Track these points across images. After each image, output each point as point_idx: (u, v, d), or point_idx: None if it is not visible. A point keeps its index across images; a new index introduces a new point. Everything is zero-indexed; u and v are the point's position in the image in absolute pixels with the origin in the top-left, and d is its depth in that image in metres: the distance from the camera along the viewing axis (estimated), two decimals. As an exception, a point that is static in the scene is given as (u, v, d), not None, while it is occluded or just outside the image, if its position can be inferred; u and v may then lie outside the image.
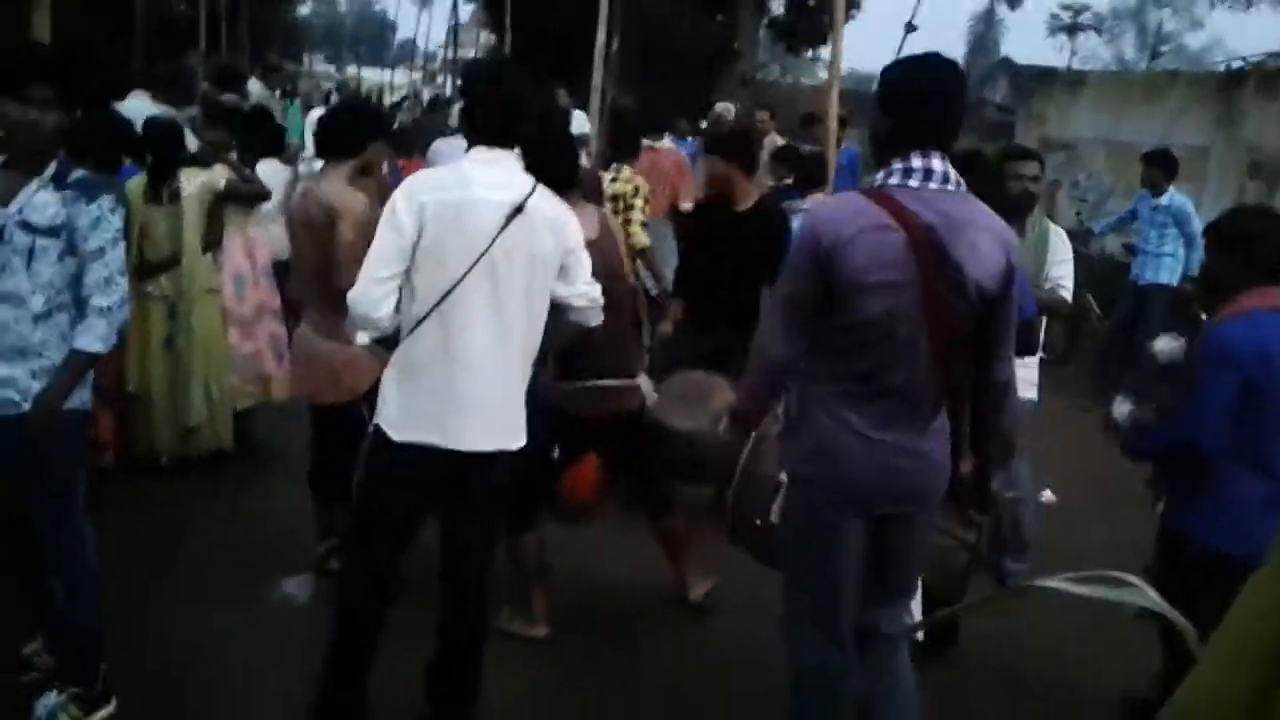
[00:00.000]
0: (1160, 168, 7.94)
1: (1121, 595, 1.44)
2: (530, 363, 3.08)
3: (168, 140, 5.17)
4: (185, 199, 5.13)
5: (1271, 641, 1.30)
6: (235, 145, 5.91)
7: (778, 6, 23.46)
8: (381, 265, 2.86)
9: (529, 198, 2.92)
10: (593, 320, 3.25)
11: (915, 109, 2.58)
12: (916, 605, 3.20)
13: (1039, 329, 4.29)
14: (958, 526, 2.94)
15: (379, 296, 2.87)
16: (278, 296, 5.74)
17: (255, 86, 11.54)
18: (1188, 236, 7.76)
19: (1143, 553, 3.46)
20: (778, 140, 9.24)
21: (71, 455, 3.07)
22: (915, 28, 15.43)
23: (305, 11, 51.75)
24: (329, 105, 15.46)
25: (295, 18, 40.07)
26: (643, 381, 3.91)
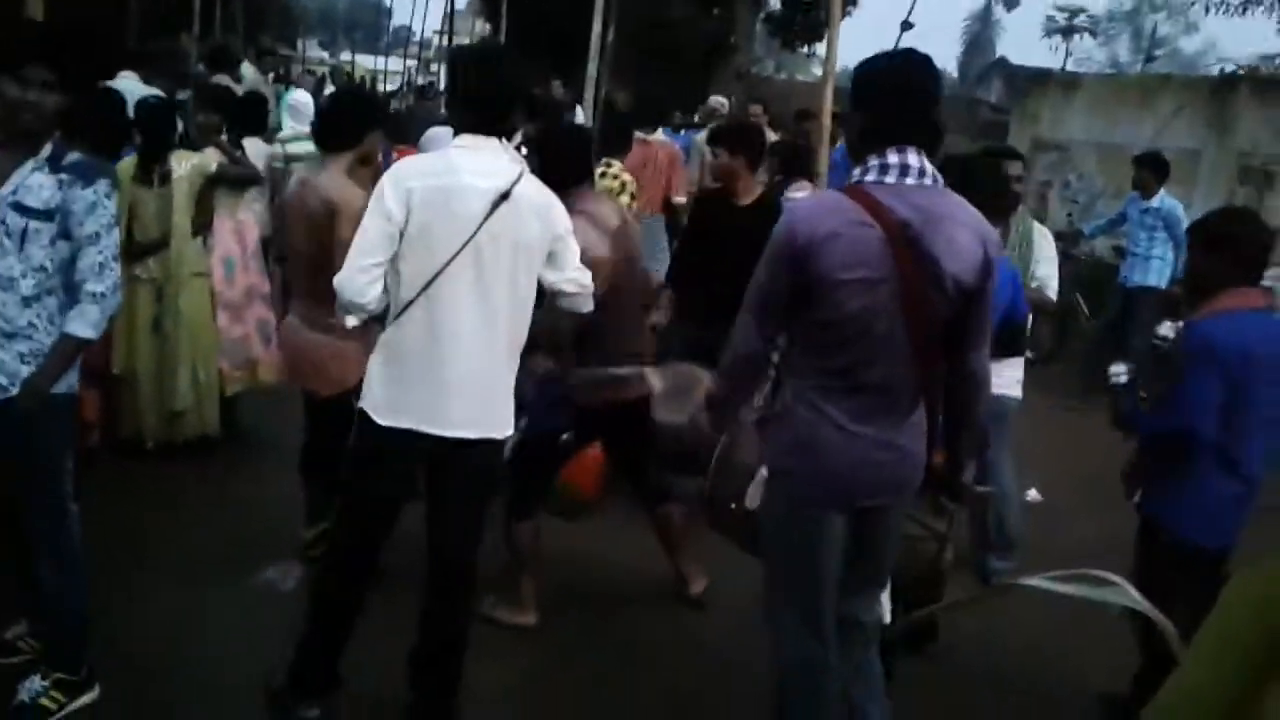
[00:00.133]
0: (1151, 170, 7.96)
1: (1104, 594, 1.45)
2: (518, 350, 3.07)
3: (159, 122, 5.13)
4: (175, 181, 5.09)
5: (1253, 642, 1.31)
6: (226, 128, 5.87)
7: (774, 2, 23.42)
8: (368, 251, 2.87)
9: (515, 184, 2.92)
10: (583, 307, 3.23)
11: (890, 105, 2.57)
12: (885, 593, 3.22)
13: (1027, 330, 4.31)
14: (929, 515, 2.97)
15: (365, 282, 2.87)
16: (267, 281, 5.72)
17: (249, 70, 11.45)
18: (1177, 240, 7.75)
19: (1128, 552, 3.49)
20: (771, 135, 9.23)
21: (59, 439, 3.05)
22: (911, 25, 15.39)
23: (300, -4, 51.43)
24: (317, 90, 15.42)
25: (290, 2, 39.86)
26: (650, 371, 3.91)
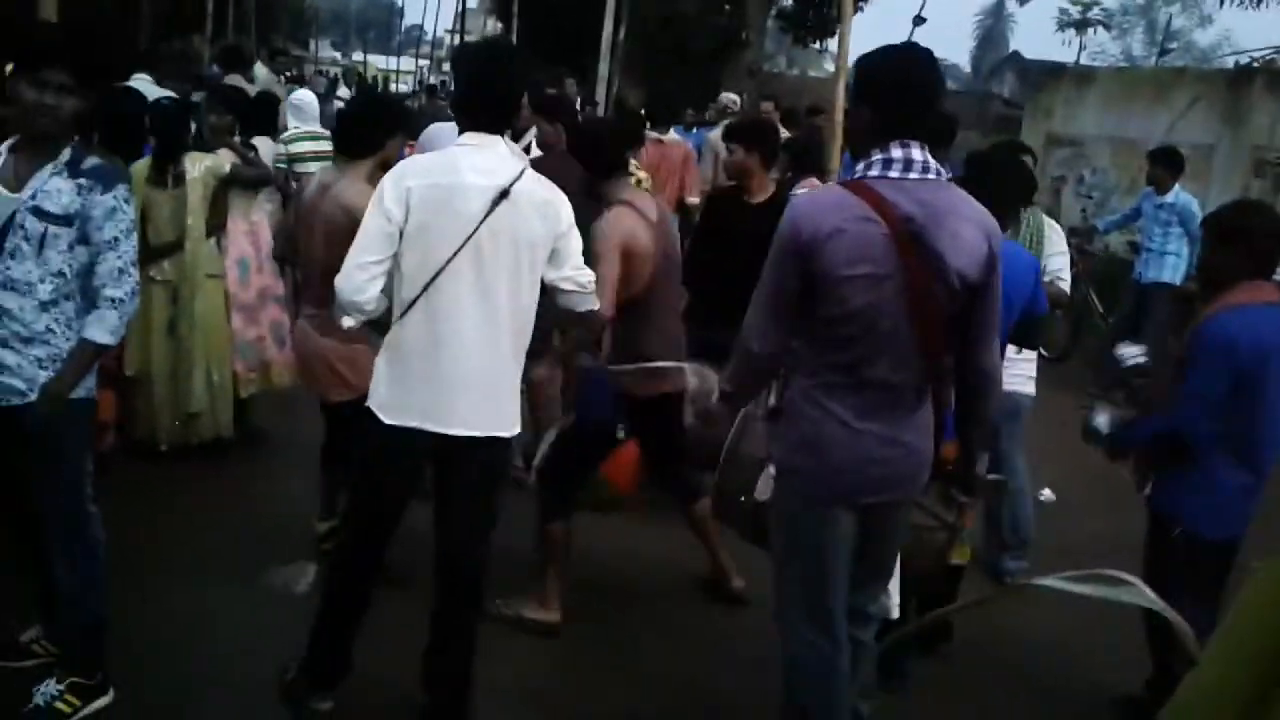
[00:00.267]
0: (1166, 165, 7.89)
1: (1119, 594, 1.44)
2: (523, 348, 3.06)
3: (173, 123, 5.15)
4: (189, 183, 5.10)
5: (1271, 640, 1.30)
6: (238, 129, 5.88)
7: (786, -2, 23.40)
8: (367, 251, 2.87)
9: (516, 182, 2.91)
10: (581, 305, 3.21)
11: (892, 99, 2.56)
12: (894, 584, 3.22)
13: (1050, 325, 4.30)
14: (939, 505, 2.96)
15: (363, 281, 2.87)
16: (281, 283, 5.73)
17: (261, 71, 11.50)
18: (1192, 235, 7.67)
19: (1140, 550, 3.47)
20: (784, 132, 9.22)
21: (79, 443, 3.04)
22: (924, 20, 15.38)
23: (312, -4, 51.59)
24: (330, 90, 15.46)
25: (302, 2, 39.97)
26: (689, 365, 3.91)
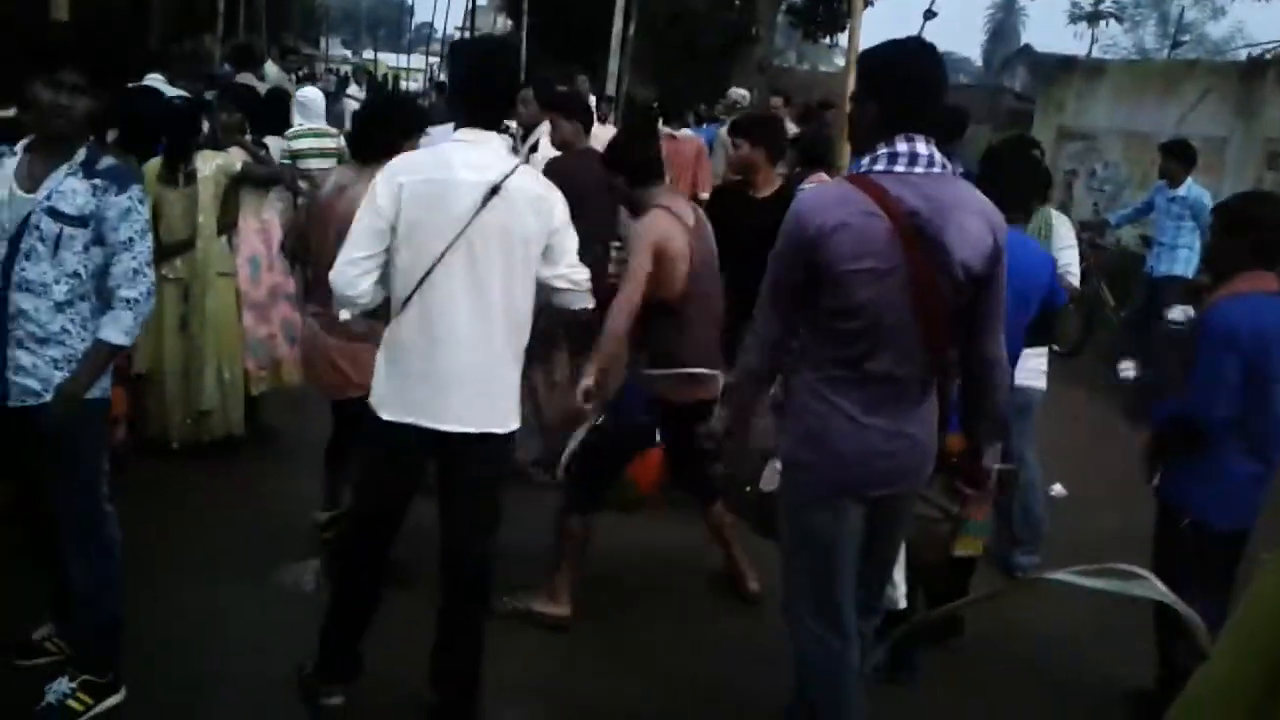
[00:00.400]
0: (1178, 159, 7.83)
1: (1130, 588, 1.43)
2: (520, 345, 3.06)
3: (184, 122, 5.17)
4: (200, 181, 5.12)
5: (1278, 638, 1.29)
6: (249, 127, 5.90)
7: (795, -7, 23.31)
8: (357, 246, 2.90)
9: (508, 178, 2.91)
10: (576, 304, 3.21)
11: (898, 93, 2.55)
12: (900, 574, 3.22)
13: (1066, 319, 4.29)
14: (943, 496, 2.97)
15: (354, 275, 2.90)
16: (292, 280, 5.74)
17: (272, 69, 11.54)
18: (1204, 229, 7.59)
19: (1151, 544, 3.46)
20: (792, 126, 9.21)
21: (94, 444, 3.05)
22: (934, 14, 15.34)
23: (322, -6, 51.65)
24: (340, 88, 15.47)
25: (313, 1, 40.06)
26: (724, 373, 3.90)
